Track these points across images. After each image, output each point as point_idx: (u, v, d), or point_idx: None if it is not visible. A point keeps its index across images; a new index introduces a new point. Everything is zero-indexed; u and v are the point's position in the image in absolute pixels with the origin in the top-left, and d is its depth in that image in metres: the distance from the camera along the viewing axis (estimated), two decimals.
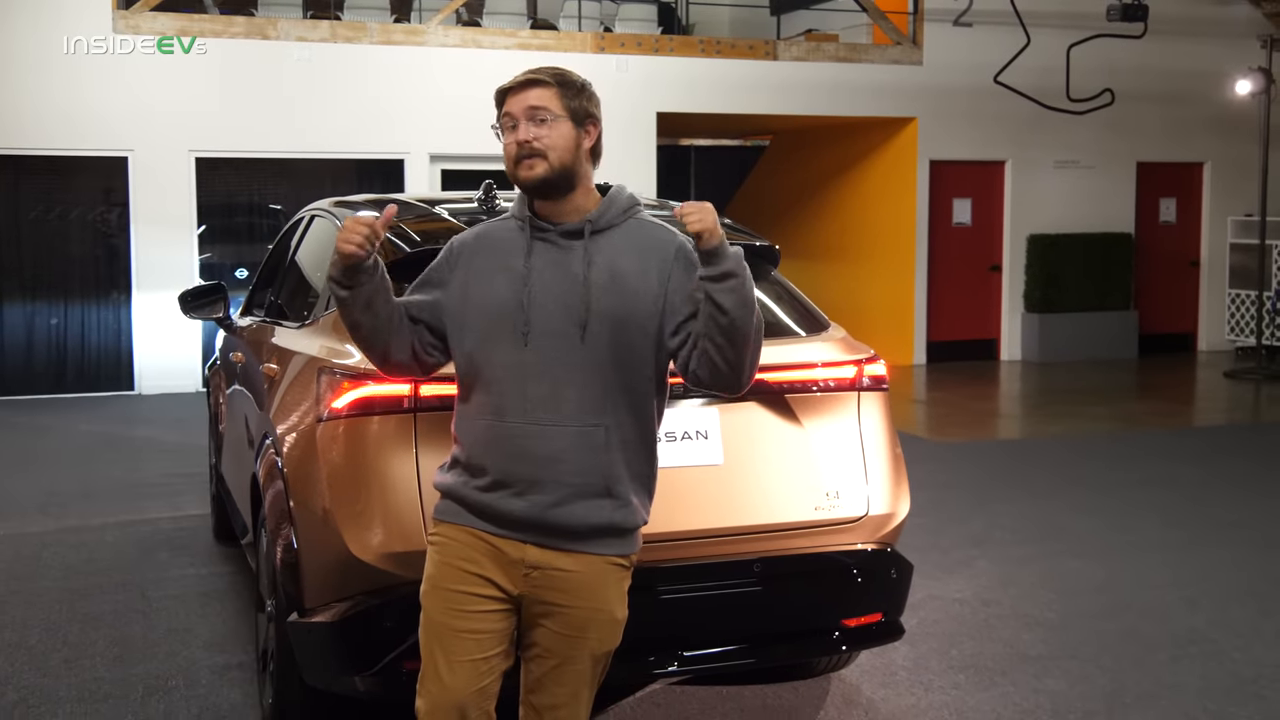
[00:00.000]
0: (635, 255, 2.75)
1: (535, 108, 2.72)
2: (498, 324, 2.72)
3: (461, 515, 2.77)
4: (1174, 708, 4.39)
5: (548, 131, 2.71)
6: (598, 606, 2.77)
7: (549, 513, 2.70)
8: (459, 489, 2.78)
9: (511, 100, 2.75)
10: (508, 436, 2.71)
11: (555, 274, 2.73)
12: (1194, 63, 14.73)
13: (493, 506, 2.73)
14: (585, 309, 2.69)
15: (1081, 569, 6.10)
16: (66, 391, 11.81)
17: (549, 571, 2.73)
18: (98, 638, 5.12)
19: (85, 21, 11.35)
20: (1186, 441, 9.85)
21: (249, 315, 5.84)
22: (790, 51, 13.54)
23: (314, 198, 6.37)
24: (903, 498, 4.02)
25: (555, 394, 2.69)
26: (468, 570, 2.74)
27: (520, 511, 2.71)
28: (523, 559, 2.72)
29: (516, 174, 2.75)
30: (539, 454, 2.69)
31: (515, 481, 2.71)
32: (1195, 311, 15.63)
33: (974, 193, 14.52)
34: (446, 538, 2.79)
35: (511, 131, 2.74)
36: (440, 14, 12.60)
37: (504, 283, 2.75)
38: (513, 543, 2.73)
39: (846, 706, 4.39)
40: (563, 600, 2.74)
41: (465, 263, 2.82)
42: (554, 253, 2.75)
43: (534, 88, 2.74)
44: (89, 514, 7.25)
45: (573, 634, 2.77)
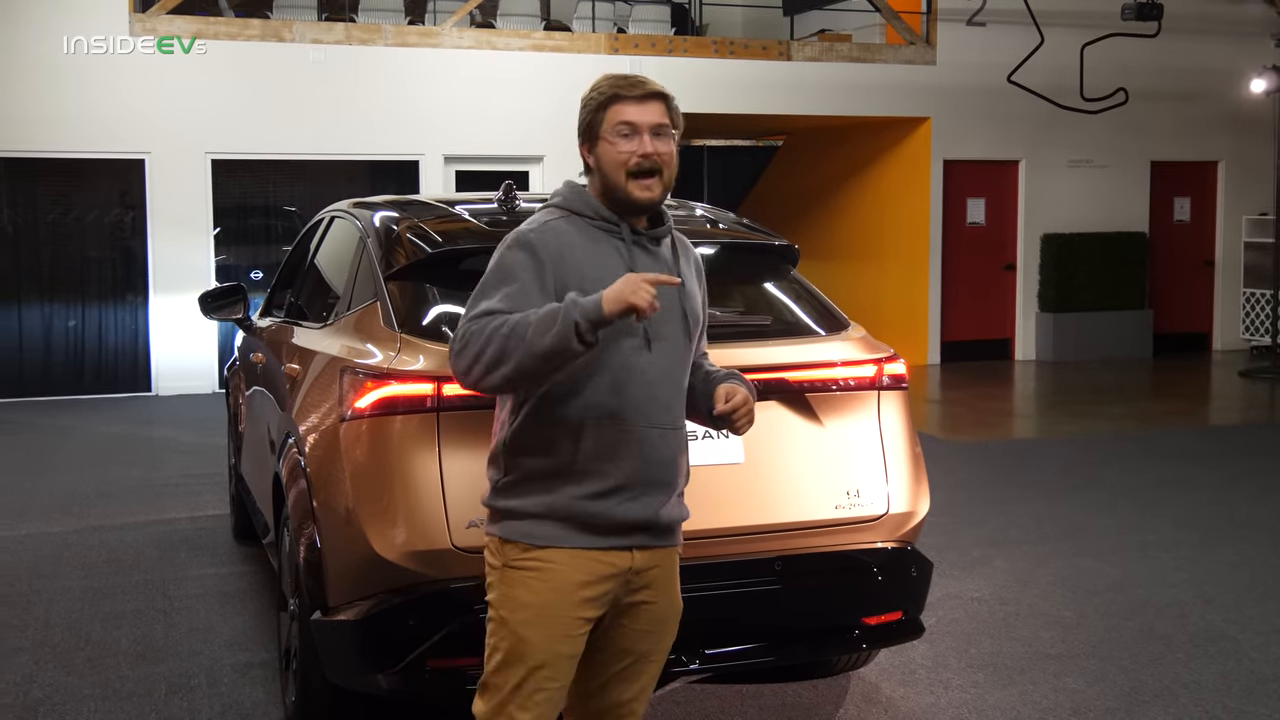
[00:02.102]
0: (686, 262, 2.87)
1: (661, 124, 2.71)
2: (618, 328, 2.62)
3: (567, 537, 2.67)
4: (1193, 706, 4.39)
5: (668, 149, 2.72)
6: (672, 598, 2.86)
7: (660, 513, 2.75)
8: (560, 504, 2.67)
9: (631, 108, 2.69)
10: (635, 440, 2.68)
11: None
12: (1208, 61, 14.70)
13: (607, 514, 2.68)
14: (689, 315, 2.78)
15: (1098, 568, 6.10)
16: (84, 393, 11.87)
17: (646, 572, 2.77)
18: (120, 636, 5.16)
19: (102, 25, 11.41)
20: (1202, 441, 9.84)
21: (268, 316, 5.88)
22: (804, 52, 13.55)
23: (329, 199, 6.41)
24: (923, 496, 4.03)
25: (672, 397, 2.76)
26: (584, 596, 2.68)
27: (637, 515, 2.71)
28: (630, 567, 2.74)
29: (630, 190, 2.70)
30: (663, 457, 2.73)
31: (637, 485, 2.69)
32: (1210, 311, 15.60)
33: (988, 192, 14.52)
34: (551, 563, 2.67)
35: (626, 140, 2.69)
36: (454, 16, 12.64)
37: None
38: (621, 553, 2.72)
39: (866, 705, 4.40)
40: (649, 598, 2.79)
41: (566, 264, 2.67)
42: (648, 257, 2.77)
43: (658, 101, 2.73)
44: (109, 514, 7.30)
45: (652, 629, 2.81)
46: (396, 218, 4.37)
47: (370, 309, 4.02)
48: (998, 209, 14.57)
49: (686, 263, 2.87)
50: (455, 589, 3.47)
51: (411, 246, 4.03)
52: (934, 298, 14.24)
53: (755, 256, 4.39)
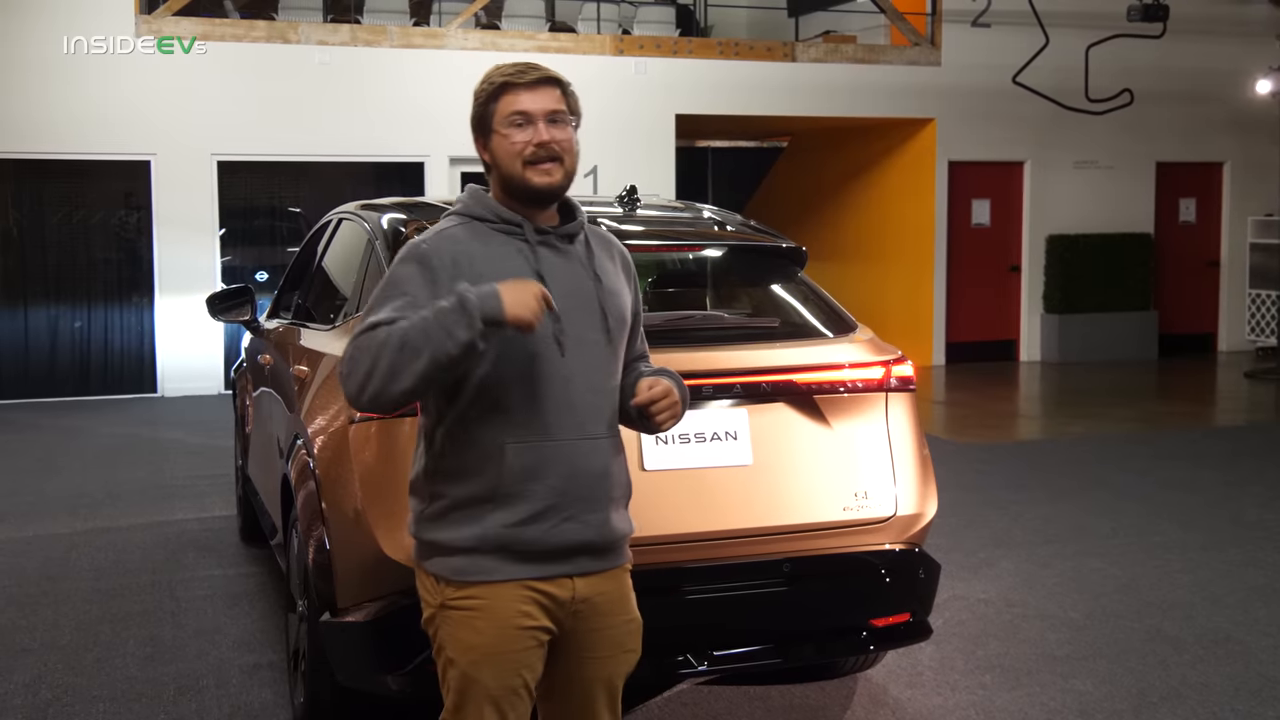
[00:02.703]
0: (608, 258, 2.73)
1: (555, 110, 2.58)
2: (527, 336, 2.49)
3: (499, 569, 2.53)
4: (1201, 708, 4.40)
5: (565, 135, 2.59)
6: (630, 616, 2.71)
7: (602, 531, 2.60)
8: (489, 533, 2.52)
9: (523, 96, 2.56)
10: (560, 457, 2.53)
11: (569, 277, 2.60)
12: (1213, 62, 14.70)
13: (542, 541, 2.53)
14: (607, 314, 2.62)
15: (1104, 569, 6.10)
16: (90, 394, 11.89)
17: (593, 600, 2.62)
18: (128, 637, 5.17)
19: (108, 26, 11.43)
20: (1207, 442, 9.83)
21: (276, 318, 5.89)
22: (808, 53, 13.56)
23: (334, 200, 6.43)
24: (930, 498, 4.04)
25: (597, 405, 2.59)
26: (525, 627, 2.54)
27: (575, 535, 2.55)
28: (572, 596, 2.58)
29: (528, 177, 2.56)
30: (592, 471, 2.57)
31: (569, 504, 2.54)
32: (1215, 312, 15.59)
33: (993, 193, 14.52)
34: (487, 599, 2.53)
35: (520, 130, 2.56)
36: (459, 17, 12.65)
37: None
38: (560, 582, 2.57)
39: (873, 706, 4.41)
40: (601, 623, 2.64)
41: (463, 271, 2.51)
42: (557, 256, 2.61)
43: (550, 87, 2.60)
44: (116, 515, 7.31)
45: (613, 653, 2.67)
46: (404, 220, 4.38)
47: None
48: (1003, 210, 14.57)
49: (611, 260, 2.73)
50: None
51: None
52: (939, 299, 14.25)
53: (763, 258, 4.40)
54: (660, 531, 3.62)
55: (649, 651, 2.93)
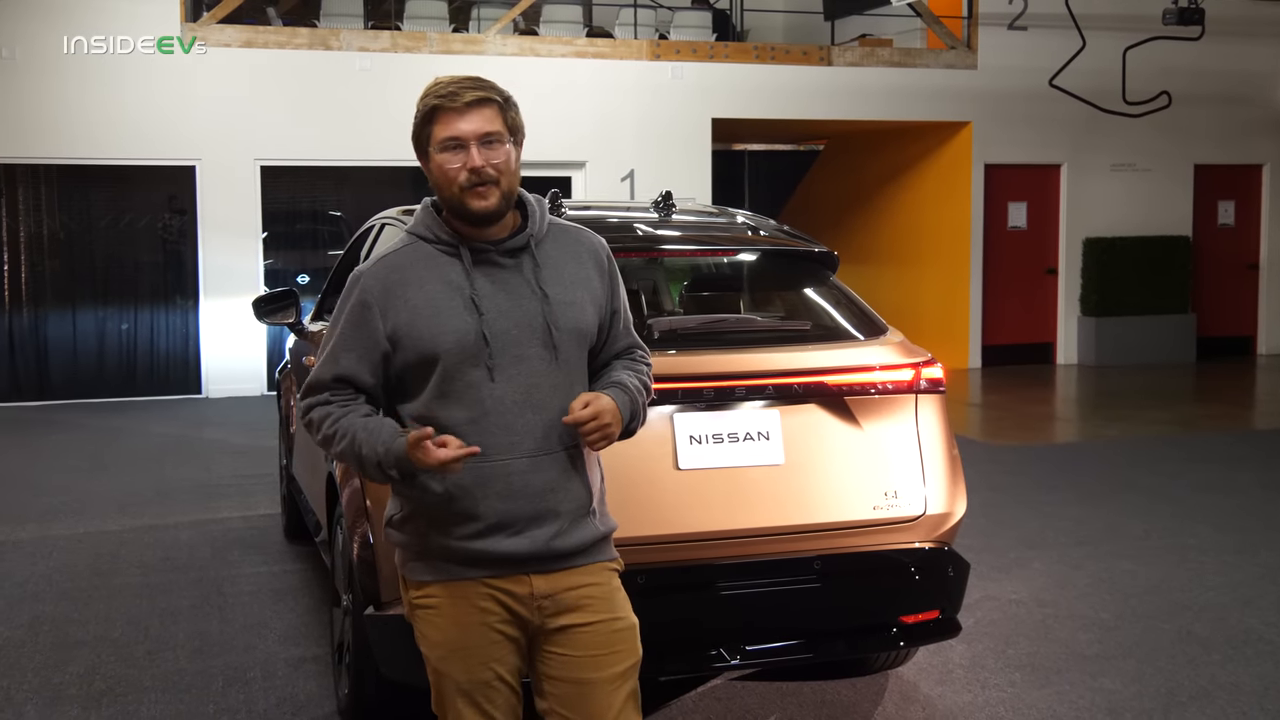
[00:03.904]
0: (574, 262, 2.71)
1: (488, 132, 2.56)
2: (459, 362, 2.56)
3: (451, 570, 2.62)
4: (1230, 707, 4.44)
5: (500, 156, 2.57)
6: (616, 616, 2.69)
7: (552, 544, 2.62)
8: (442, 543, 2.62)
9: (455, 121, 2.55)
10: (498, 476, 2.58)
11: (506, 296, 2.61)
12: (1252, 64, 14.64)
13: (489, 552, 2.60)
14: (554, 328, 2.61)
15: (1137, 571, 6.15)
16: (136, 394, 12.12)
17: (559, 596, 2.64)
18: (177, 631, 5.31)
19: (154, 34, 11.63)
20: (1245, 445, 9.81)
21: (320, 320, 6.02)
22: (845, 57, 13.62)
23: (374, 204, 6.55)
24: (959, 498, 4.12)
25: (537, 423, 2.60)
26: (484, 622, 2.62)
27: (523, 549, 2.60)
28: (530, 592, 2.63)
29: (465, 201, 2.57)
30: (533, 489, 2.60)
31: (514, 520, 2.59)
32: (1254, 315, 15.52)
33: (1029, 196, 14.52)
34: (444, 597, 2.64)
35: (454, 153, 2.55)
36: (498, 23, 12.80)
37: (452, 315, 2.58)
38: (515, 579, 2.62)
39: (904, 703, 4.48)
40: (580, 620, 2.65)
41: (395, 302, 2.60)
42: (499, 274, 2.62)
43: (484, 107, 2.56)
44: (164, 513, 7.48)
45: (599, 653, 2.65)
46: None
47: None
48: (1039, 213, 14.57)
49: (576, 262, 2.71)
50: None
51: None
52: (975, 301, 14.26)
53: (795, 263, 4.49)
54: (694, 529, 3.73)
55: (684, 645, 3.04)
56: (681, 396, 3.77)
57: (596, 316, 2.71)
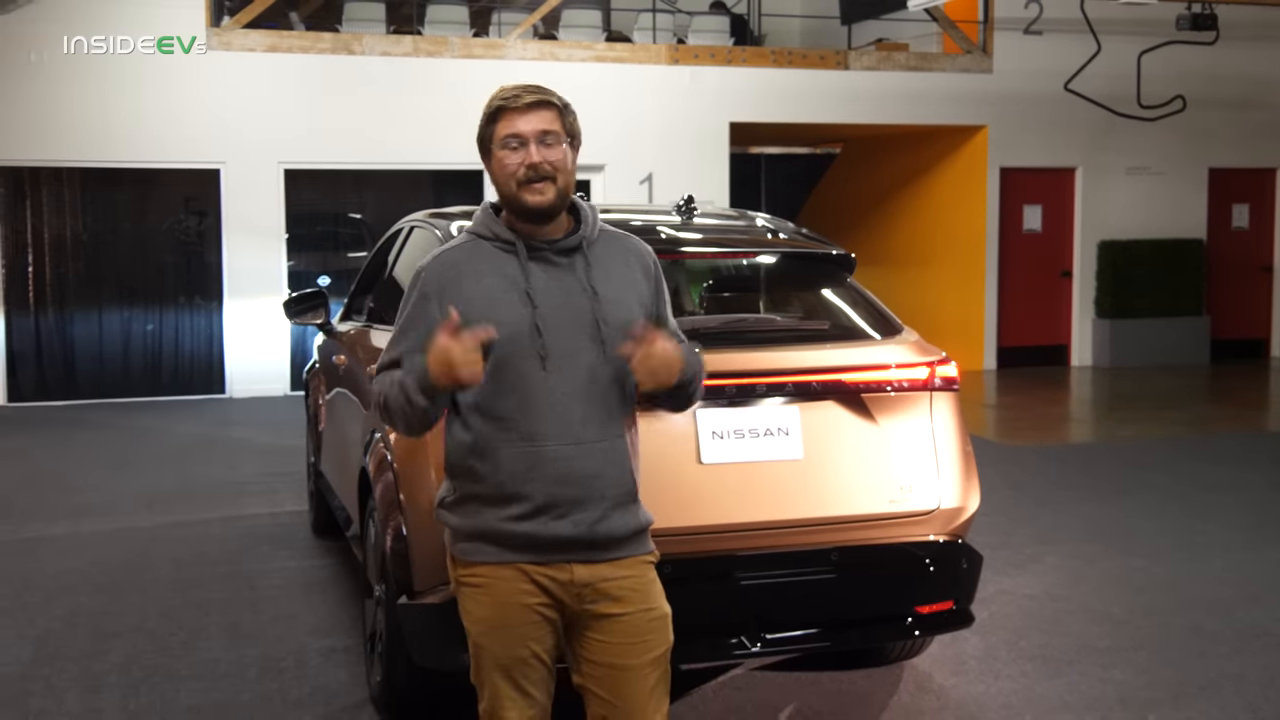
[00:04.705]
0: (622, 264, 2.87)
1: (546, 130, 2.73)
2: (513, 351, 2.71)
3: (500, 553, 2.76)
4: (1236, 698, 4.56)
5: (557, 155, 2.74)
6: (650, 606, 2.83)
7: (595, 528, 2.75)
8: (492, 525, 2.76)
9: (517, 119, 2.73)
10: (549, 460, 2.72)
11: (559, 291, 2.76)
12: (1266, 68, 14.71)
13: (536, 534, 2.73)
14: (601, 324, 2.76)
15: (1147, 568, 6.26)
16: (161, 394, 12.29)
17: (598, 585, 2.78)
18: (210, 623, 5.46)
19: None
20: (1257, 446, 9.90)
21: (348, 320, 6.17)
22: (861, 61, 13.74)
23: (395, 207, 6.71)
24: (973, 492, 4.24)
25: (587, 413, 2.74)
26: (525, 604, 2.76)
27: (567, 532, 2.73)
28: (571, 580, 2.76)
29: (522, 197, 2.74)
30: (581, 473, 2.73)
31: (560, 503, 2.73)
32: (1268, 317, 15.57)
33: (1045, 199, 14.61)
34: (489, 578, 2.78)
35: (514, 151, 2.73)
36: (519, 28, 12.95)
37: (510, 306, 2.73)
38: (558, 567, 2.76)
39: (919, 692, 4.61)
40: (616, 610, 2.79)
41: (452, 294, 2.75)
42: (552, 271, 2.77)
43: (544, 109, 2.75)
44: (192, 510, 7.63)
45: (632, 641, 2.80)
46: None
47: None
48: (1055, 216, 14.66)
49: (625, 265, 2.87)
50: None
51: None
52: (990, 304, 14.35)
53: (813, 264, 4.62)
54: (716, 521, 3.86)
55: (706, 633, 3.17)
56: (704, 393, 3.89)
57: (643, 316, 2.84)
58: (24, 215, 11.93)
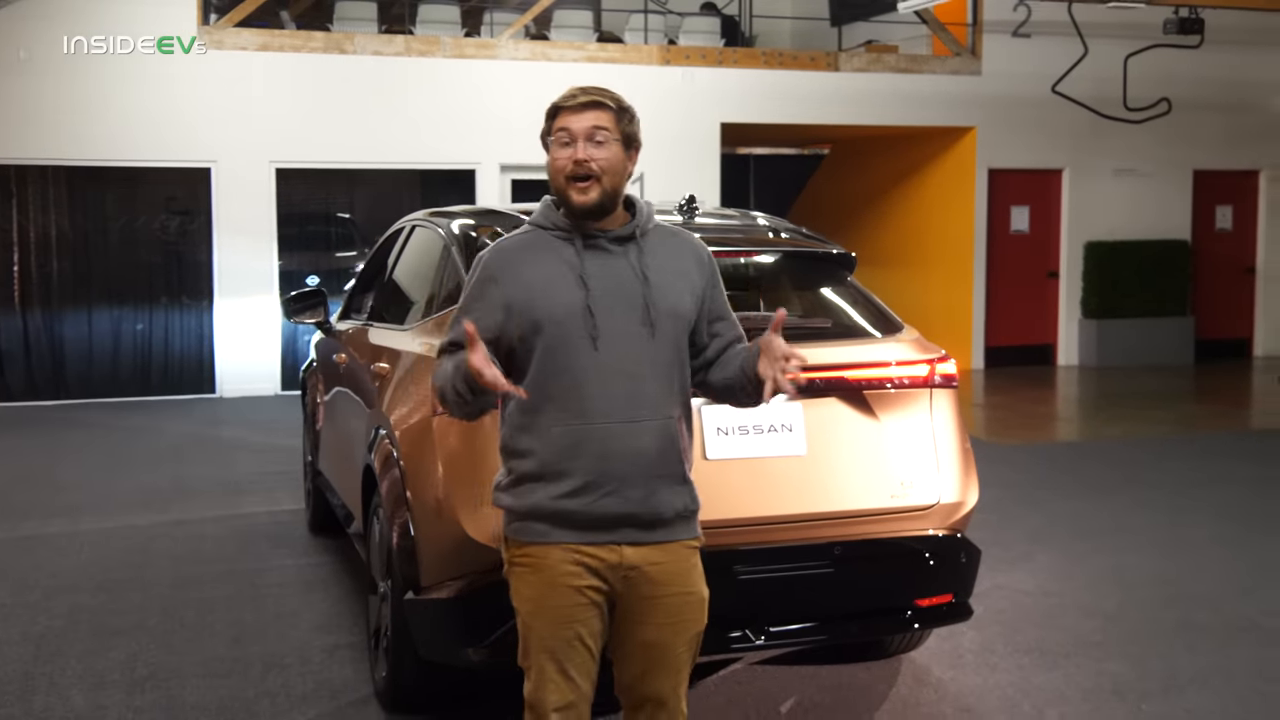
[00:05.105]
0: (674, 257, 2.98)
1: (596, 128, 2.86)
2: (567, 331, 2.83)
3: (550, 533, 2.86)
4: (1226, 689, 4.65)
5: (605, 154, 2.86)
6: (689, 590, 2.95)
7: (643, 505, 2.85)
8: (541, 504, 2.86)
9: (569, 117, 2.87)
10: (596, 438, 2.82)
11: (612, 276, 2.88)
12: (1251, 72, 14.84)
13: (583, 512, 2.83)
14: (651, 307, 2.88)
15: (1139, 563, 6.34)
16: (151, 394, 12.28)
17: (644, 568, 2.88)
18: (213, 620, 5.49)
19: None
20: (1242, 443, 10.02)
21: (348, 319, 6.21)
22: (851, 63, 13.82)
23: (387, 207, 6.73)
24: (971, 487, 4.31)
25: (636, 391, 2.85)
26: (572, 585, 2.85)
27: (615, 508, 2.83)
28: (620, 562, 2.86)
29: (568, 194, 2.87)
30: (627, 451, 2.83)
31: (607, 481, 2.82)
32: (1251, 318, 15.71)
33: (1032, 200, 14.72)
34: (539, 558, 2.87)
35: (565, 147, 2.87)
36: (510, 28, 13.00)
37: (565, 289, 2.85)
38: (607, 548, 2.85)
39: (918, 685, 4.68)
40: (658, 591, 2.90)
41: (513, 277, 2.89)
42: (605, 257, 2.90)
43: (596, 109, 2.88)
44: (189, 509, 7.65)
45: (670, 621, 2.92)
46: (475, 226, 4.70)
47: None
48: (1042, 217, 14.77)
49: (678, 258, 2.98)
50: None
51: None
52: (978, 304, 14.45)
53: (814, 263, 4.68)
54: (721, 516, 3.91)
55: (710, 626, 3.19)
56: None
57: (694, 305, 2.97)
58: (10, 214, 11.90)
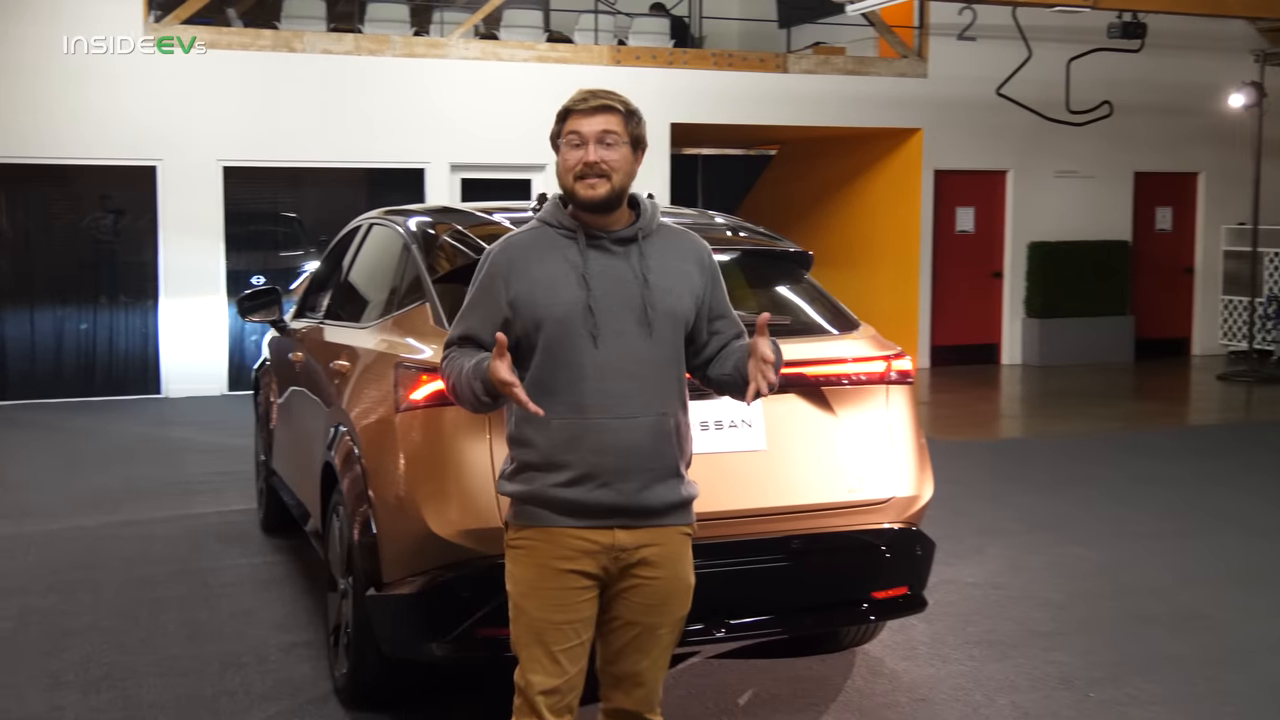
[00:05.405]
0: (677, 258, 3.07)
1: (606, 131, 2.95)
2: (567, 328, 2.93)
3: (546, 518, 2.96)
4: (1174, 674, 4.77)
5: (615, 156, 2.96)
6: (677, 575, 3.05)
7: (635, 497, 2.95)
8: (542, 491, 2.96)
9: (580, 120, 2.96)
10: (592, 432, 2.92)
11: (613, 277, 2.97)
12: (1190, 76, 15.11)
13: (579, 500, 2.93)
14: (650, 308, 2.97)
15: (1085, 555, 6.47)
16: (95, 395, 12.12)
17: (636, 551, 2.98)
18: (167, 620, 5.46)
19: (117, 34, 11.69)
20: (1182, 440, 10.23)
21: (302, 318, 6.19)
22: (800, 64, 13.93)
23: (336, 206, 6.69)
24: (927, 482, 4.40)
25: (631, 389, 2.95)
26: (564, 568, 2.95)
27: (608, 500, 2.94)
28: (613, 543, 2.96)
29: (576, 190, 2.96)
30: (622, 446, 2.93)
31: (601, 473, 2.93)
32: (1190, 317, 16.01)
33: (977, 201, 14.91)
34: (535, 541, 2.98)
35: (576, 149, 2.95)
36: (461, 27, 12.98)
37: (567, 288, 2.95)
38: (601, 530, 2.95)
39: (872, 676, 4.76)
40: (649, 574, 3.00)
41: (518, 273, 2.98)
42: (607, 258, 2.99)
43: (606, 113, 2.97)
44: (138, 510, 7.58)
45: (655, 603, 3.02)
46: (434, 224, 4.72)
47: (419, 310, 4.34)
48: (986, 218, 14.96)
49: (681, 259, 3.07)
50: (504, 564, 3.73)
51: (456, 252, 4.38)
52: (924, 303, 14.62)
53: (772, 261, 4.74)
54: None
55: None
56: None
57: (694, 306, 3.07)
58: None
